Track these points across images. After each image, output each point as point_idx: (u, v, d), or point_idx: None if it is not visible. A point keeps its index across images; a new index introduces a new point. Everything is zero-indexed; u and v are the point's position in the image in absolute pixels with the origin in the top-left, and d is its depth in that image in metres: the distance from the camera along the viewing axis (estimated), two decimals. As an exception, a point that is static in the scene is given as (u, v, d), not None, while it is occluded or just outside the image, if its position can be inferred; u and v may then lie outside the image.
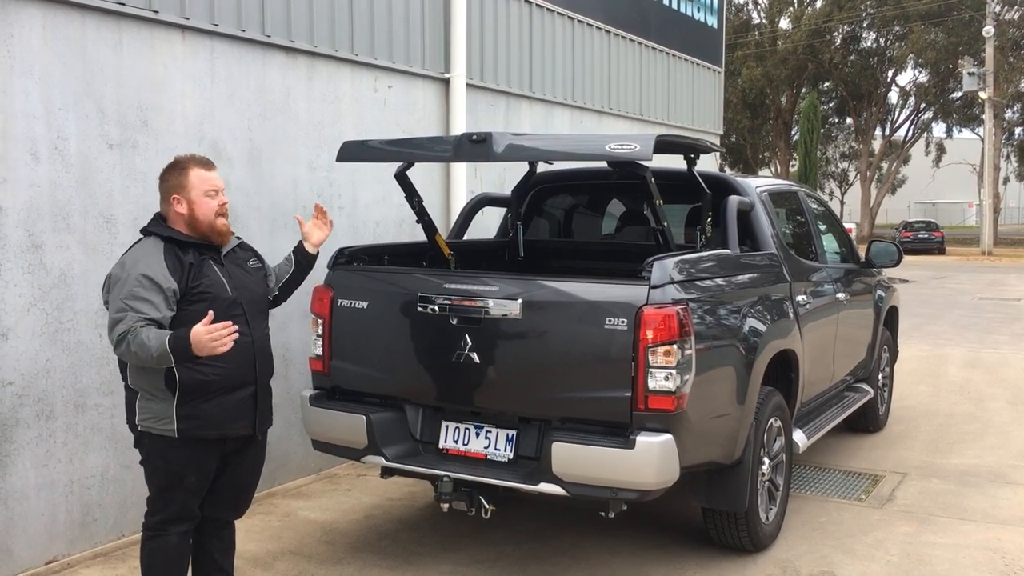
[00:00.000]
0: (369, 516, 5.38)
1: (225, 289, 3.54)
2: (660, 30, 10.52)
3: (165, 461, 3.50)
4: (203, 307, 3.40)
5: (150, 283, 3.37)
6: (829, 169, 52.64)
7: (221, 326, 3.26)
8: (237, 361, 3.49)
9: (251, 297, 3.67)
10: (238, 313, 3.52)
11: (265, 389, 3.72)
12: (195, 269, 3.49)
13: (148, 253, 3.46)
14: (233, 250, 3.72)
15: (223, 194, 3.62)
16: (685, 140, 4.82)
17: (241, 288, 3.62)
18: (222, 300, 3.50)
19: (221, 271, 3.58)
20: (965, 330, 13.50)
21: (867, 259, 6.88)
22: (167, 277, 3.40)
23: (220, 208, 3.57)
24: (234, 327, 3.31)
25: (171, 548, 3.58)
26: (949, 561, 4.74)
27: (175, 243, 3.50)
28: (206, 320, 3.27)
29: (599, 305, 3.97)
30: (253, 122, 5.61)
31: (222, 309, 3.45)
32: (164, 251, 3.47)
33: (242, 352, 3.50)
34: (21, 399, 4.44)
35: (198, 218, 3.54)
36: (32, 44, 4.44)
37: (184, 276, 3.45)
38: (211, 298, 3.47)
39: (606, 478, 3.94)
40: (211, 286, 3.50)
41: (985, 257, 35.87)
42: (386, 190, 6.46)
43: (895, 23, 42.63)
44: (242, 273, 3.68)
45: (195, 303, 3.44)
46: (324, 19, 6.06)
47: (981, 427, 7.56)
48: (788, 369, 5.11)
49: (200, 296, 3.46)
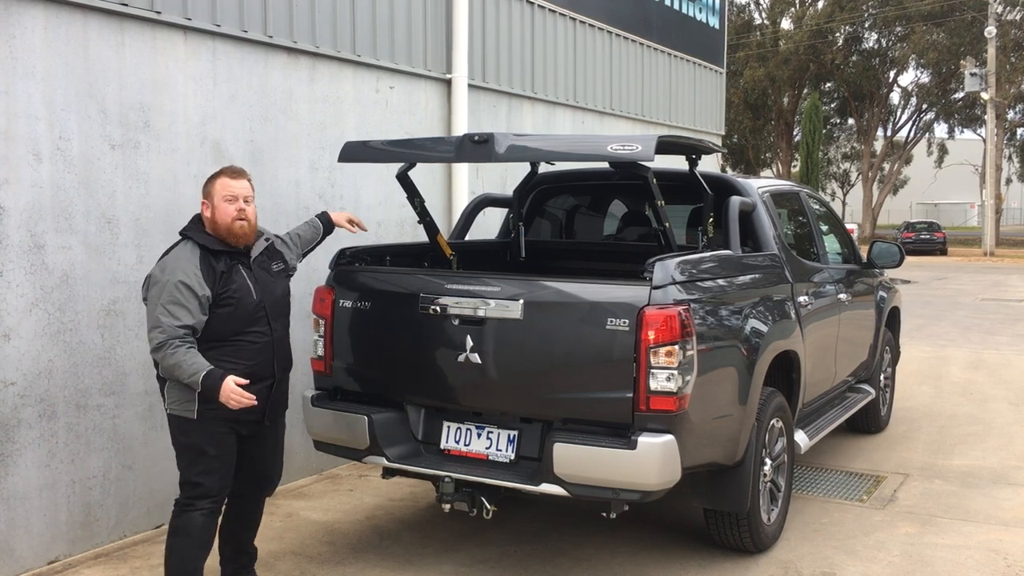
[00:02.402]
0: (371, 517, 5.38)
1: (251, 293, 3.89)
2: (662, 31, 10.52)
3: (186, 437, 3.87)
4: (229, 311, 3.81)
5: (187, 290, 3.71)
6: (831, 170, 52.63)
7: (246, 396, 3.68)
8: (258, 360, 3.89)
9: (273, 299, 3.99)
10: (261, 315, 3.91)
11: (282, 381, 4.09)
12: (225, 276, 3.83)
13: (186, 259, 3.79)
14: (261, 254, 4.05)
15: (244, 201, 3.90)
16: (687, 141, 4.82)
17: (265, 291, 3.95)
18: (247, 304, 3.86)
19: (249, 276, 3.92)
20: (967, 331, 13.49)
21: (869, 260, 6.88)
22: (202, 284, 3.74)
23: (238, 213, 3.87)
24: (253, 399, 3.71)
25: (195, 525, 3.86)
26: (951, 562, 4.74)
27: (210, 252, 3.83)
28: (239, 380, 3.69)
29: (601, 306, 3.97)
30: (255, 123, 5.61)
31: (247, 312, 3.86)
32: (200, 258, 3.80)
33: (263, 351, 3.91)
34: (23, 399, 4.44)
35: (217, 221, 3.88)
36: (34, 45, 4.44)
37: (216, 283, 3.79)
38: (236, 302, 3.83)
39: (608, 479, 3.94)
40: (238, 291, 3.84)
41: (987, 258, 35.85)
42: (388, 191, 6.46)
43: (897, 24, 42.61)
44: (267, 276, 4.02)
45: (223, 307, 3.80)
46: (326, 20, 6.07)
47: (983, 428, 7.56)
48: (790, 370, 5.11)
49: (227, 301, 3.81)
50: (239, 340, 3.84)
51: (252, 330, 3.88)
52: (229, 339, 3.83)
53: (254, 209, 3.96)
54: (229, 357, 3.79)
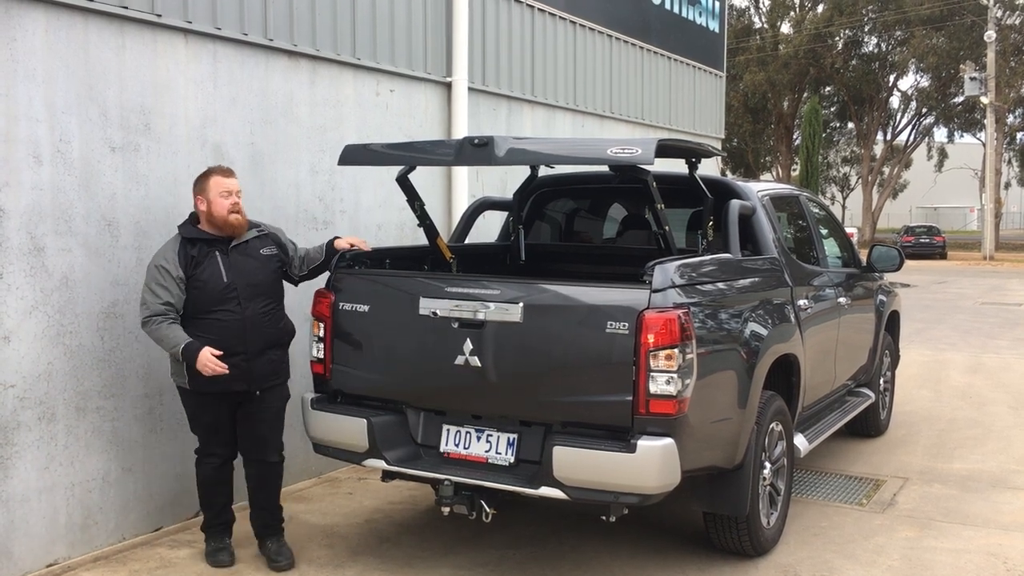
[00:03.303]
0: (370, 520, 5.38)
1: (221, 277, 4.41)
2: (662, 34, 10.53)
3: (186, 406, 4.61)
4: (198, 292, 4.38)
5: (165, 272, 4.36)
6: (831, 173, 52.66)
7: (219, 364, 4.27)
8: (225, 335, 4.37)
9: (249, 281, 4.46)
10: (232, 296, 4.41)
11: (258, 356, 4.48)
12: (195, 261, 4.40)
13: (167, 248, 4.45)
14: (247, 241, 4.54)
15: (237, 196, 4.49)
16: (687, 144, 4.82)
17: (240, 274, 4.44)
18: (214, 286, 4.40)
19: (223, 261, 4.44)
20: (967, 335, 13.49)
21: (868, 263, 6.88)
22: (176, 267, 4.37)
23: (232, 206, 4.46)
24: (224, 367, 4.27)
25: (205, 475, 4.63)
26: (951, 566, 4.74)
27: (188, 240, 4.44)
28: (215, 352, 4.28)
29: (600, 309, 3.98)
30: (255, 126, 5.62)
31: (215, 293, 4.39)
32: (179, 246, 4.43)
33: (230, 328, 4.39)
34: (23, 402, 4.44)
35: (214, 214, 4.45)
36: (35, 47, 4.45)
37: (188, 266, 4.38)
38: (203, 284, 4.39)
39: (607, 482, 3.93)
40: (204, 274, 4.39)
41: (987, 262, 35.86)
42: (388, 193, 6.46)
43: (896, 28, 42.66)
44: (247, 261, 4.50)
45: (193, 288, 4.39)
46: (326, 23, 6.07)
47: (983, 432, 7.56)
48: (789, 373, 5.10)
49: (195, 283, 4.39)
50: (207, 317, 4.39)
51: (221, 309, 4.40)
52: (200, 316, 4.40)
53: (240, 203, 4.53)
54: (200, 332, 4.35)
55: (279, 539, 4.70)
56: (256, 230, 4.62)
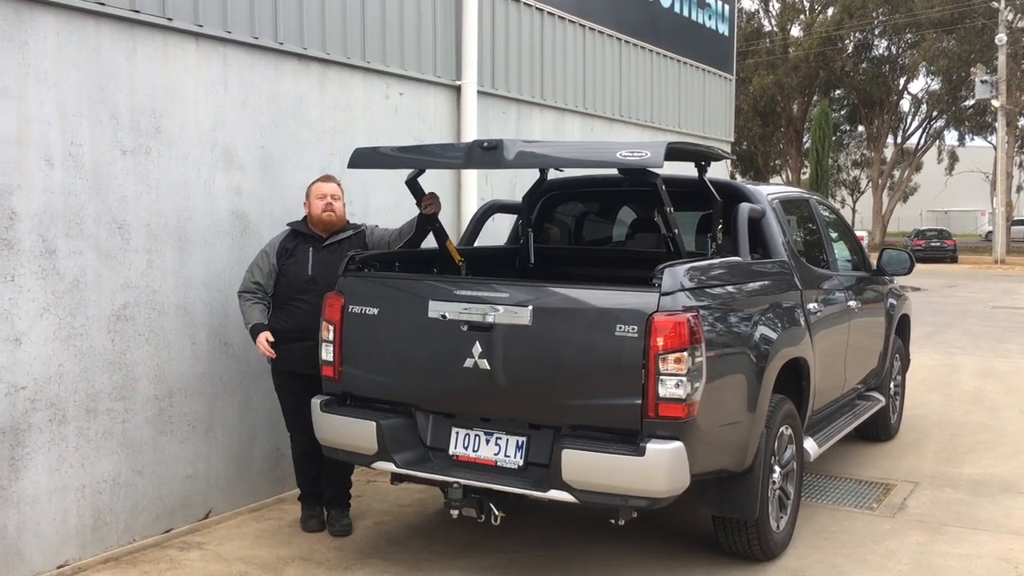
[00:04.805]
0: (379, 522, 5.38)
1: (306, 270, 4.99)
2: (671, 37, 10.52)
3: (273, 383, 5.21)
4: (284, 281, 5.00)
5: (265, 257, 5.04)
6: (841, 177, 52.49)
7: (268, 349, 4.93)
8: (300, 322, 4.91)
9: (331, 275, 4.76)
10: (312, 287, 4.92)
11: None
12: (289, 253, 5.04)
13: (276, 238, 5.13)
14: (339, 241, 5.09)
15: (332, 198, 5.07)
16: (696, 147, 4.82)
17: (325, 269, 4.91)
18: (298, 277, 4.98)
19: (313, 256, 5.02)
20: (977, 339, 13.43)
21: (879, 267, 6.85)
22: (272, 255, 5.03)
23: (325, 207, 5.05)
24: (272, 352, 4.93)
25: (296, 451, 5.20)
26: (961, 571, 4.72)
27: (290, 234, 5.11)
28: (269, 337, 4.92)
29: (610, 312, 3.97)
30: (265, 129, 5.64)
31: (298, 283, 4.98)
32: (283, 238, 5.10)
33: (306, 315, 4.87)
34: (34, 403, 4.46)
35: (311, 214, 5.10)
36: (46, 50, 4.47)
37: (282, 257, 5.03)
38: (289, 274, 4.99)
39: (616, 485, 3.93)
40: (292, 266, 5.00)
41: (998, 266, 35.69)
42: (397, 197, 6.45)
43: (907, 31, 42.52)
44: (334, 259, 4.90)
45: (281, 276, 5.02)
46: (337, 27, 6.09)
47: (994, 436, 7.52)
48: (799, 377, 5.09)
49: (283, 272, 5.02)
50: (289, 304, 4.98)
51: (300, 298, 4.94)
52: (285, 302, 5.00)
53: (341, 205, 5.11)
54: (283, 315, 4.98)
55: (342, 511, 5.21)
56: (352, 230, 5.18)
